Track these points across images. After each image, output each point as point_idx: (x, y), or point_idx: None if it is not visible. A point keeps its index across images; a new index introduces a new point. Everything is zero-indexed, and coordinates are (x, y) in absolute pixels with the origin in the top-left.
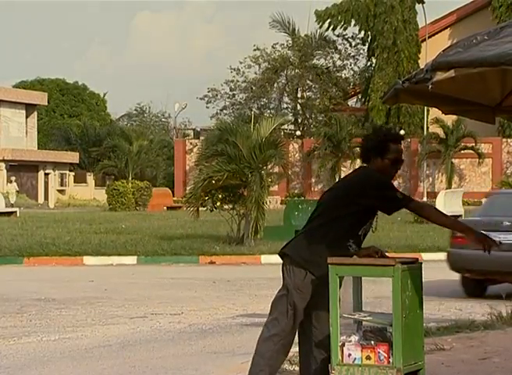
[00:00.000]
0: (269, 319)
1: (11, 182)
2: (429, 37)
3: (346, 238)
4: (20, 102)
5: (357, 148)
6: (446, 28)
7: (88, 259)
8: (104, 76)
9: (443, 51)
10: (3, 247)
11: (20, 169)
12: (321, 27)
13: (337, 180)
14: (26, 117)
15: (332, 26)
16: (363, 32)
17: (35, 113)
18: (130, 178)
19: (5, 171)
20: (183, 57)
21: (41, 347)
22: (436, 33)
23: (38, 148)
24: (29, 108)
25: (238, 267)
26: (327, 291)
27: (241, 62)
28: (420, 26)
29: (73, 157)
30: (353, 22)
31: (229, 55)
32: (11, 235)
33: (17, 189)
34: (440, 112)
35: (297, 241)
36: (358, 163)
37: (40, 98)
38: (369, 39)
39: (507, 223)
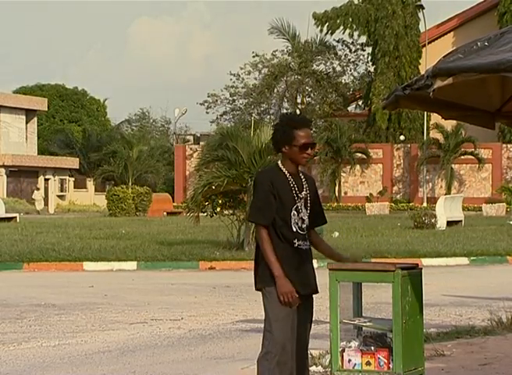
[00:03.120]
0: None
1: (38, 189)
2: (432, 42)
3: (288, 240)
4: (20, 108)
5: (358, 154)
6: (448, 32)
7: (88, 265)
8: (103, 82)
9: (444, 57)
10: (3, 252)
11: (20, 174)
12: (321, 31)
13: (337, 185)
14: (26, 123)
15: (330, 30)
16: (364, 36)
17: (35, 119)
18: (130, 183)
19: (5, 177)
20: (182, 62)
21: (41, 352)
22: (438, 37)
23: (38, 154)
24: (29, 113)
25: (238, 272)
26: (301, 303)
27: (241, 68)
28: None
29: (73, 162)
30: (353, 26)
31: (229, 60)
32: (11, 240)
33: (43, 196)
34: (440, 117)
35: (255, 268)
36: (358, 169)
37: (40, 103)
38: (370, 43)
39: None
